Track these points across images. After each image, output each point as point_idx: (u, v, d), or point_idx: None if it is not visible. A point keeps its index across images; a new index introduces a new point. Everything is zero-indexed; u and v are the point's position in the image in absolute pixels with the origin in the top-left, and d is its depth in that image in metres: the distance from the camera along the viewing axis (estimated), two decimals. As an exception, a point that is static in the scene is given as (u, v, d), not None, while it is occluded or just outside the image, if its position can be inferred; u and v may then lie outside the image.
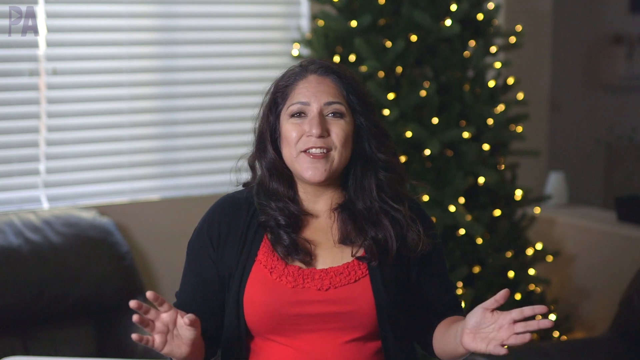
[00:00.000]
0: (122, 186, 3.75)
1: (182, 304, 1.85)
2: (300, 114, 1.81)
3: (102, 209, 3.62)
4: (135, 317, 1.62)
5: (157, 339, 1.66)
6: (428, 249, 1.84)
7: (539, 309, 1.62)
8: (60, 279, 3.28)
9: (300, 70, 1.85)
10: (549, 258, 3.75)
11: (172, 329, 1.67)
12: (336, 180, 1.85)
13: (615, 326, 3.21)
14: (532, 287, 3.63)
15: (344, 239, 1.82)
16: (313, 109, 1.80)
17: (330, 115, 1.81)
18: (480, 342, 1.65)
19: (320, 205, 1.86)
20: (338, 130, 1.80)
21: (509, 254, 3.52)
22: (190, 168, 3.88)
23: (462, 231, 3.41)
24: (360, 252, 1.81)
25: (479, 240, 3.44)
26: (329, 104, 1.80)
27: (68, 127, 3.63)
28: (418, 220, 1.85)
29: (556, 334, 3.68)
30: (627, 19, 5.76)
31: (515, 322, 1.64)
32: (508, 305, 3.51)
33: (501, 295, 1.63)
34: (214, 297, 1.84)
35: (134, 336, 1.62)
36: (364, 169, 1.84)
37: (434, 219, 3.33)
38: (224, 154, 3.88)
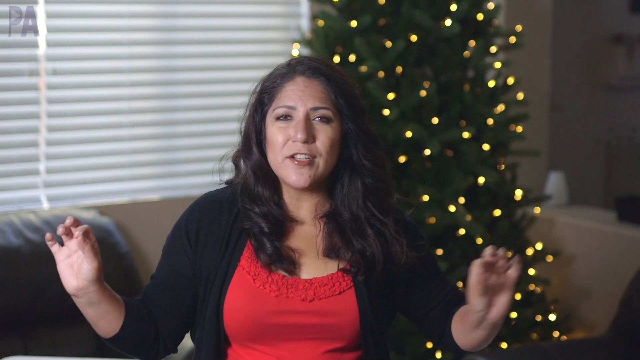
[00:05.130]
0: (122, 186, 3.75)
1: (150, 295, 1.83)
2: (286, 117, 1.77)
3: (102, 209, 3.62)
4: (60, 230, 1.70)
5: (60, 254, 1.74)
6: (413, 262, 1.81)
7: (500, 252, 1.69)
8: (60, 279, 3.28)
9: (288, 71, 1.80)
10: (549, 258, 3.75)
11: (72, 253, 1.74)
12: (322, 185, 1.81)
13: (615, 326, 3.21)
14: (532, 287, 3.63)
15: (329, 252, 1.79)
16: (299, 114, 1.75)
17: (317, 119, 1.76)
18: (500, 297, 1.69)
19: (304, 210, 1.82)
20: (324, 137, 1.76)
21: (509, 254, 3.52)
22: (190, 168, 3.88)
23: (462, 231, 3.41)
24: (346, 266, 1.78)
25: (479, 240, 3.44)
26: (316, 109, 1.76)
27: (68, 127, 3.63)
28: (403, 235, 1.81)
29: (556, 334, 3.68)
30: (627, 19, 5.76)
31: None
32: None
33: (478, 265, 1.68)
34: (182, 294, 1.81)
35: (48, 235, 1.71)
36: (351, 175, 1.80)
37: (433, 219, 3.34)
38: (228, 155, 3.87)
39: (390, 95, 3.35)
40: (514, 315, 3.52)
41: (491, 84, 3.52)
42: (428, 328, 1.89)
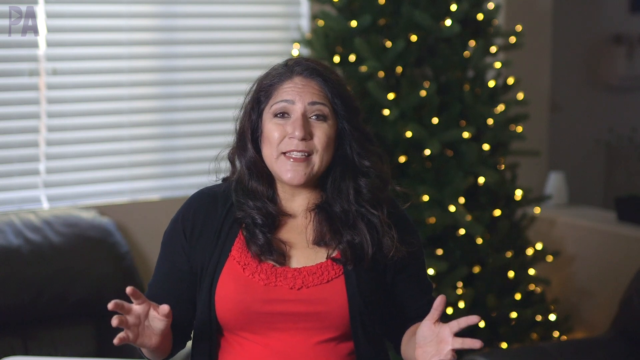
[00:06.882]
0: (122, 186, 3.75)
1: (154, 295, 1.84)
2: (283, 114, 1.80)
3: (102, 209, 3.62)
4: (114, 322, 1.64)
5: (130, 335, 1.67)
6: (402, 255, 1.82)
7: (472, 319, 1.60)
8: (60, 279, 3.28)
9: (286, 71, 1.84)
10: (549, 258, 3.75)
11: (143, 320, 1.69)
12: (315, 181, 1.84)
13: (615, 326, 3.21)
14: (532, 287, 3.63)
15: (319, 240, 1.81)
16: (297, 109, 1.79)
17: (313, 117, 1.80)
18: (426, 356, 1.65)
19: (296, 204, 1.85)
20: (321, 134, 1.79)
21: (509, 254, 3.52)
22: (190, 168, 3.88)
23: (462, 231, 3.41)
24: (335, 255, 1.80)
25: (479, 240, 3.44)
26: (313, 103, 1.79)
27: (68, 127, 3.63)
28: (395, 227, 1.83)
29: (556, 334, 3.68)
30: (627, 19, 5.76)
31: (455, 334, 1.62)
32: (508, 305, 3.51)
33: (438, 302, 1.63)
34: (185, 289, 1.84)
35: (116, 341, 1.64)
36: (343, 173, 1.83)
37: (433, 219, 3.34)
38: (224, 154, 3.87)
39: (390, 95, 3.35)
40: (514, 315, 3.52)
41: (491, 84, 3.52)
42: (392, 329, 1.90)
